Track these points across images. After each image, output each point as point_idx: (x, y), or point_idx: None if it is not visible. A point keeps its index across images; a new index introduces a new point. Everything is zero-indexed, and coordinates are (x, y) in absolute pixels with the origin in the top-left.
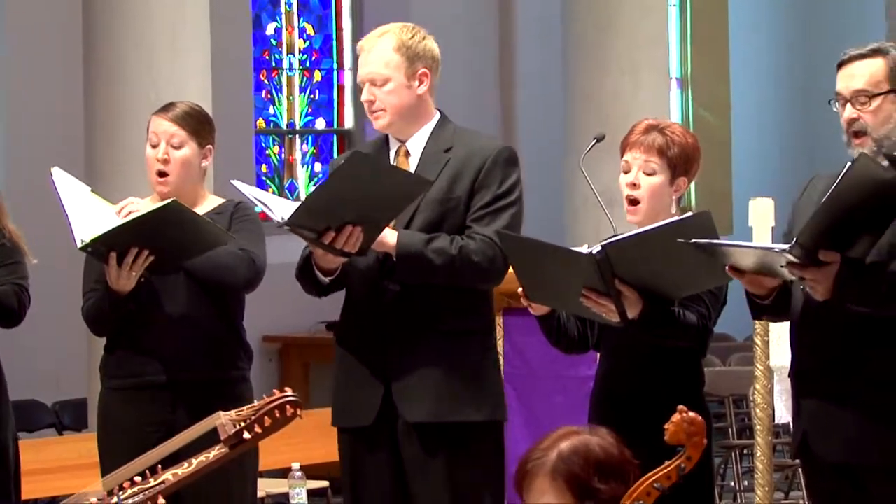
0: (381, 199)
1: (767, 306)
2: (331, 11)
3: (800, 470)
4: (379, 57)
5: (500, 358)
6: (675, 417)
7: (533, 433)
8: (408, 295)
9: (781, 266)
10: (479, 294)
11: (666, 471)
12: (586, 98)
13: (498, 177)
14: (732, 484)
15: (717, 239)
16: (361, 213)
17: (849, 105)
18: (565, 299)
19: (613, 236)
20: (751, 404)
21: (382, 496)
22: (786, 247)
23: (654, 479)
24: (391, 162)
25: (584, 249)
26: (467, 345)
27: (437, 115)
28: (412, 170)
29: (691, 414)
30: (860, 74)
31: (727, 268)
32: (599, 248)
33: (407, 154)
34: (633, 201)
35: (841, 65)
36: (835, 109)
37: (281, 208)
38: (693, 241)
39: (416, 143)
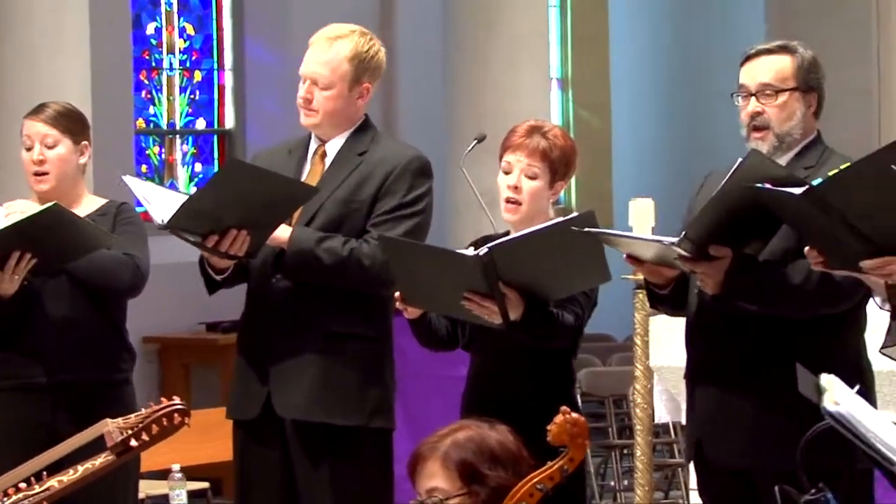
0: (266, 204)
1: (666, 296)
2: (211, 11)
3: (679, 469)
4: (329, 60)
5: None
6: (559, 418)
7: (413, 433)
8: (299, 293)
9: (675, 259)
10: (373, 299)
11: (549, 471)
12: (467, 99)
13: (405, 185)
14: (612, 483)
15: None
16: (245, 218)
17: (753, 99)
18: (446, 302)
19: (491, 237)
20: (631, 404)
21: (268, 490)
22: (674, 240)
23: (536, 479)
24: (307, 162)
25: (469, 252)
26: (354, 349)
27: (362, 120)
28: (325, 171)
29: (574, 415)
30: (767, 69)
31: (626, 256)
32: (486, 250)
33: (324, 155)
34: (513, 202)
35: (747, 59)
36: (736, 104)
37: (167, 206)
38: (587, 229)
39: (334, 146)
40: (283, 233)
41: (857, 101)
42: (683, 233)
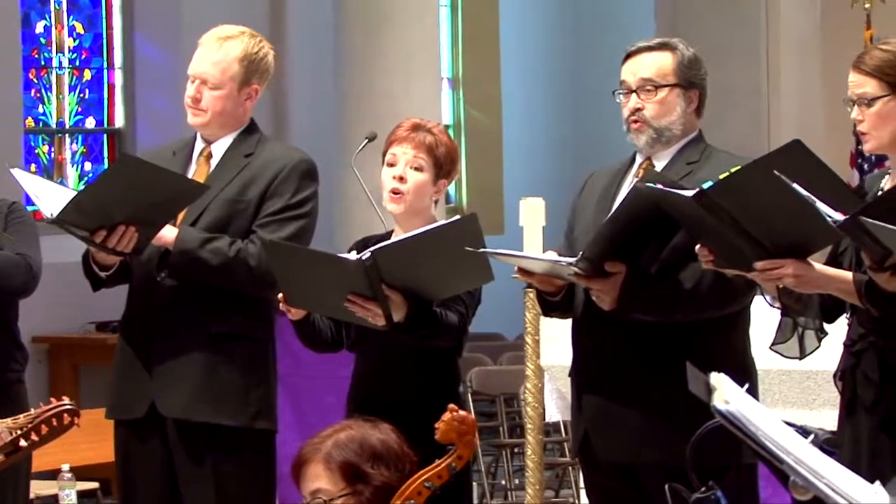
0: (155, 201)
1: (557, 303)
2: (101, 10)
3: (570, 468)
4: (219, 61)
5: None
6: (446, 416)
7: (303, 433)
8: (182, 292)
9: (569, 276)
10: (257, 300)
11: (437, 469)
12: (358, 98)
13: (292, 187)
14: (503, 482)
15: (482, 239)
16: (134, 214)
17: (633, 95)
18: (330, 304)
19: (373, 239)
20: (522, 403)
21: (152, 488)
22: (572, 260)
23: (424, 478)
24: (192, 162)
25: (352, 256)
26: (238, 349)
27: (248, 123)
28: (211, 172)
29: (462, 413)
30: (648, 65)
31: (517, 269)
32: (368, 254)
33: (209, 156)
34: (398, 193)
35: (628, 56)
36: (618, 99)
37: (56, 200)
38: (482, 250)
39: (220, 147)
40: (168, 233)
41: (747, 100)
42: (581, 253)
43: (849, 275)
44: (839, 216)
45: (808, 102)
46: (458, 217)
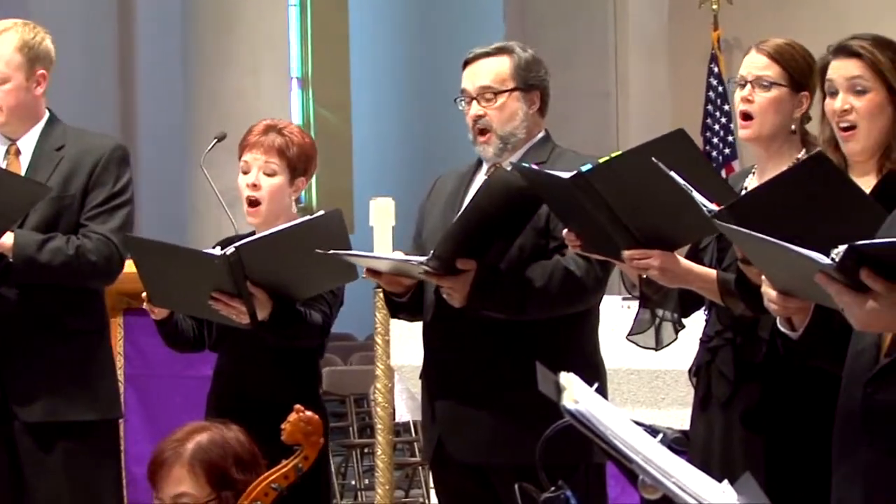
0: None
1: (405, 304)
2: None
3: (420, 468)
4: (1, 55)
5: (121, 358)
6: (292, 417)
7: (154, 433)
8: (25, 296)
9: (419, 273)
10: (91, 293)
11: (283, 470)
12: (208, 98)
13: (113, 175)
14: (353, 483)
15: (346, 235)
16: None
17: (475, 102)
18: (193, 302)
19: (238, 238)
20: (372, 403)
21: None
22: (423, 259)
23: (271, 479)
24: (0, 161)
25: (216, 251)
26: (81, 344)
27: (48, 115)
28: (23, 169)
29: (308, 413)
30: (486, 72)
31: (365, 270)
32: (233, 249)
33: (18, 153)
34: (254, 202)
35: (467, 63)
36: (460, 107)
37: None
38: (332, 251)
39: (27, 143)
40: (5, 240)
41: (596, 102)
42: (432, 252)
43: (713, 273)
44: (714, 206)
45: (656, 103)
46: (322, 212)
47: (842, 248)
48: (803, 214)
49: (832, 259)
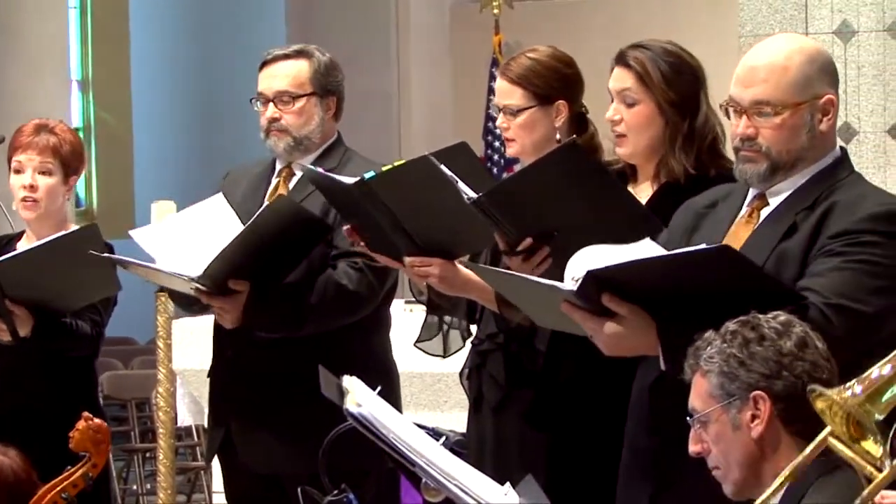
0: None
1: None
2: None
3: (202, 472)
4: None
5: None
6: (81, 425)
7: None
8: None
9: (191, 289)
10: None
11: (72, 478)
12: None
13: None
14: (135, 488)
15: (103, 246)
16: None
17: (271, 104)
18: None
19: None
20: (153, 407)
21: None
22: (195, 275)
23: (60, 488)
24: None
25: None
26: None
27: None
28: None
29: (97, 420)
30: (283, 75)
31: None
32: None
33: None
34: (30, 200)
35: (264, 64)
36: (256, 109)
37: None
38: (106, 255)
39: None
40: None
41: (378, 104)
42: (204, 269)
43: None
44: (473, 194)
45: (438, 107)
46: (75, 227)
47: (580, 274)
48: (566, 203)
49: (573, 285)
